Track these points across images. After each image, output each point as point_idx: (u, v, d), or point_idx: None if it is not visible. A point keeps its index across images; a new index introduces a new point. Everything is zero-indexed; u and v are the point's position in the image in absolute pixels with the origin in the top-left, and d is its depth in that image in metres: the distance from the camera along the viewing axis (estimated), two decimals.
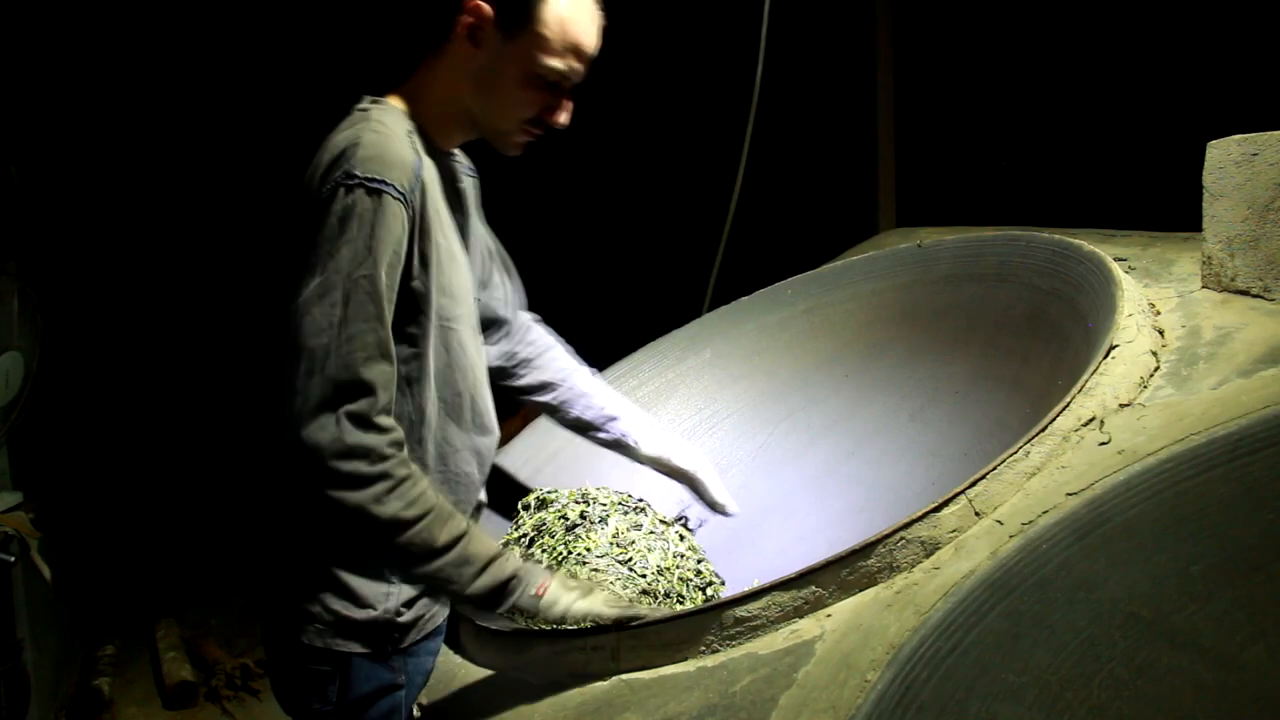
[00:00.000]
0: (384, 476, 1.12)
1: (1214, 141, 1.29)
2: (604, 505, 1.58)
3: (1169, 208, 1.66)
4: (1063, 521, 0.97)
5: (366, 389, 1.12)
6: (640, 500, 1.63)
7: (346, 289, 1.12)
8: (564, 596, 1.20)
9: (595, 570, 1.42)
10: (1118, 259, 1.44)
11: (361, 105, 1.27)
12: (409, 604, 1.26)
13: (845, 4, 3.61)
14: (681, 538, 1.55)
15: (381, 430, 1.13)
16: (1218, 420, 0.98)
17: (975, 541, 1.02)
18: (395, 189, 1.15)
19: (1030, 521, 0.99)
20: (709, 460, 1.64)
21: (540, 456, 1.85)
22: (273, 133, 4.45)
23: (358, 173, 1.14)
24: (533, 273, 1.62)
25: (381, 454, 1.12)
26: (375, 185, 1.14)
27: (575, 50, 1.27)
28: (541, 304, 1.65)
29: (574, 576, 1.33)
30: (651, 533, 1.53)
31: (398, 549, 1.14)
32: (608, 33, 1.33)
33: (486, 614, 1.28)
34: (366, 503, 1.11)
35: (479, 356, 1.34)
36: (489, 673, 1.29)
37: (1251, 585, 0.85)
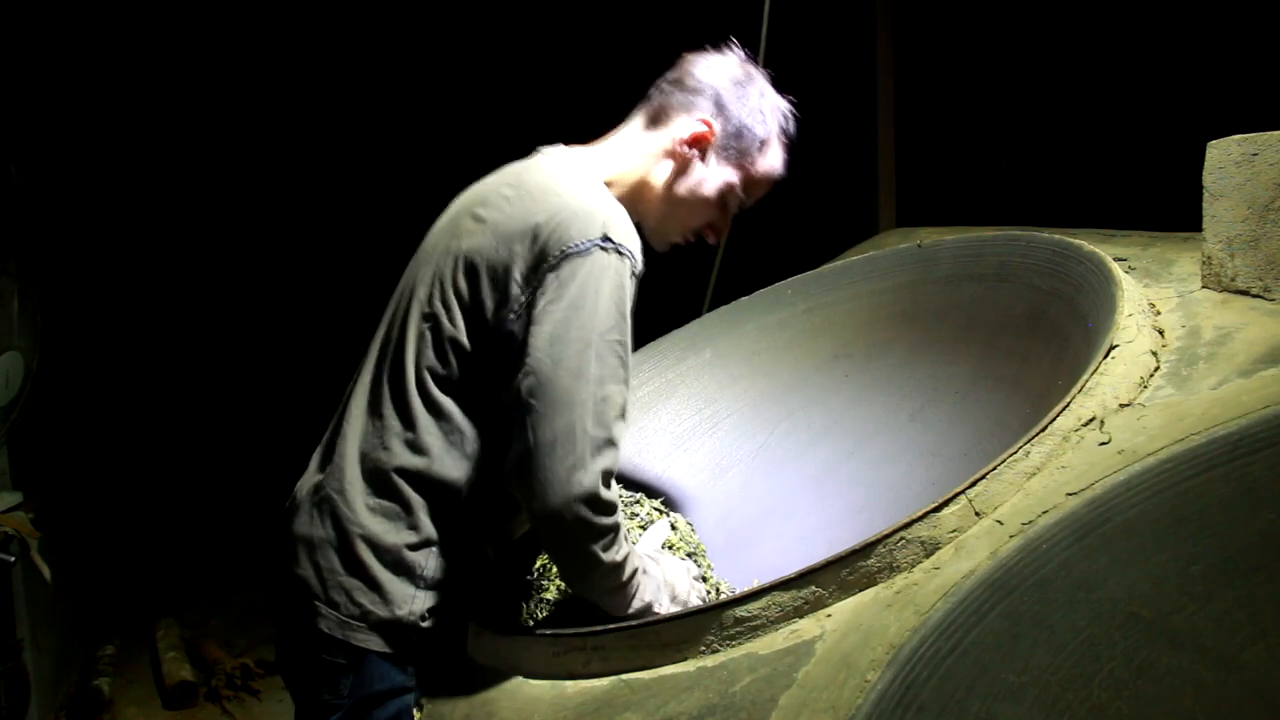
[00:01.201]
0: (617, 528, 1.18)
1: (1214, 141, 1.29)
2: None
3: (1169, 208, 1.66)
4: (1063, 521, 0.97)
5: (615, 447, 1.17)
6: (634, 495, 1.63)
7: (601, 349, 1.15)
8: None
9: None
10: (1118, 259, 1.44)
11: (559, 154, 1.32)
12: (433, 611, 1.26)
13: (845, 4, 3.61)
14: (675, 528, 1.56)
15: (614, 488, 1.19)
16: (1218, 420, 0.98)
17: (975, 541, 1.02)
18: (636, 263, 1.21)
19: (1030, 521, 0.99)
20: None
21: None
22: (272, 132, 4.45)
23: (615, 239, 1.18)
24: None
25: (617, 508, 1.18)
26: (628, 255, 1.19)
27: (765, 186, 1.42)
28: None
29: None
30: (644, 527, 1.53)
31: (596, 584, 1.21)
32: (608, 32, 1.34)
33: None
34: (599, 550, 1.17)
35: None
36: (489, 672, 1.28)
37: (1252, 585, 0.85)
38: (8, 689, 2.61)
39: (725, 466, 1.87)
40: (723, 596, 1.35)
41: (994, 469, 1.07)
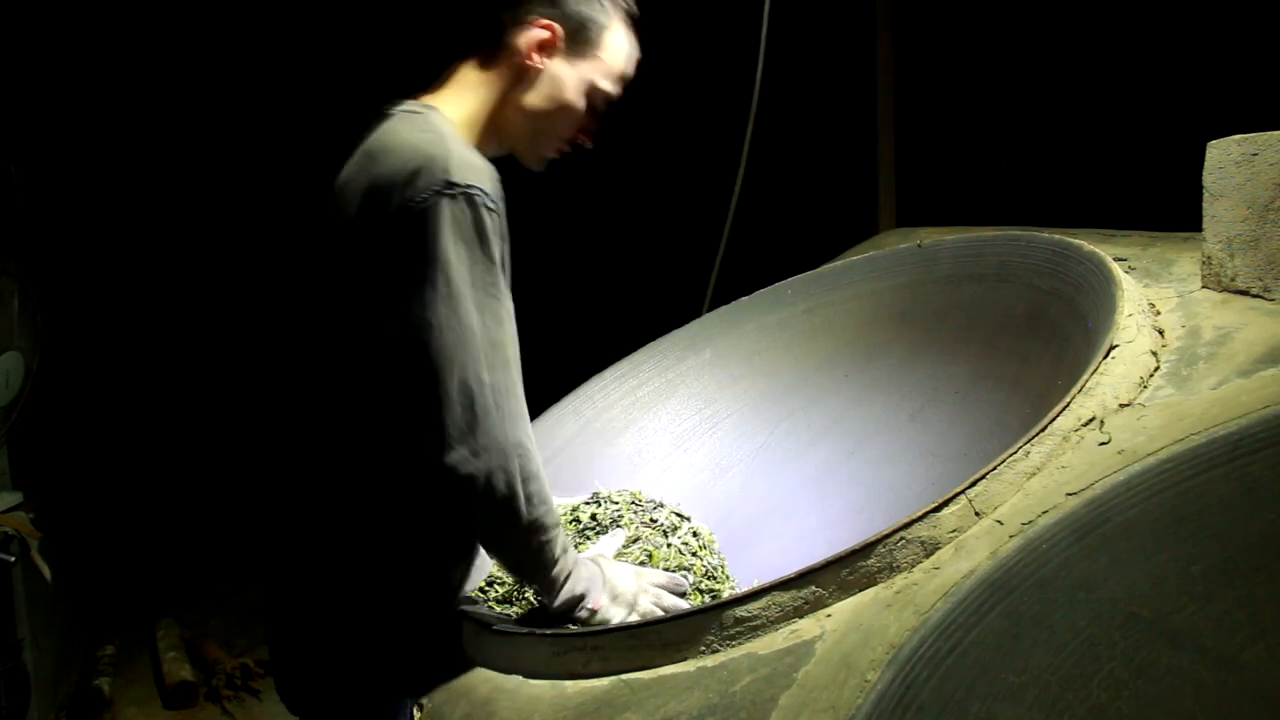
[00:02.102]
0: (536, 477, 1.14)
1: (1214, 141, 1.29)
2: (616, 505, 1.58)
3: (1169, 208, 1.66)
4: (1063, 521, 0.96)
5: (518, 393, 1.14)
6: (654, 499, 1.62)
7: (479, 300, 1.12)
8: (613, 612, 1.24)
9: None
10: (1118, 259, 1.44)
11: (406, 108, 1.26)
12: (424, 611, 1.26)
13: (845, 4, 3.61)
14: (696, 534, 1.55)
15: (528, 430, 1.15)
16: (1218, 420, 0.98)
17: (975, 541, 1.02)
18: (492, 199, 1.15)
19: (1030, 521, 0.99)
20: None
21: (540, 456, 1.84)
22: (273, 132, 4.45)
23: (458, 181, 1.12)
24: (533, 273, 1.62)
25: (533, 452, 1.14)
26: (476, 194, 1.13)
27: (624, 78, 1.36)
28: (543, 304, 1.65)
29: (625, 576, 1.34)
30: (665, 532, 1.53)
31: (525, 551, 1.16)
32: None
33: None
34: (520, 503, 1.13)
35: None
36: (489, 673, 1.28)
37: (1252, 585, 0.85)
38: (8, 689, 2.61)
39: (725, 466, 1.87)
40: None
41: (994, 469, 1.07)
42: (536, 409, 1.93)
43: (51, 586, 2.83)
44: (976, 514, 1.05)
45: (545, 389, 1.99)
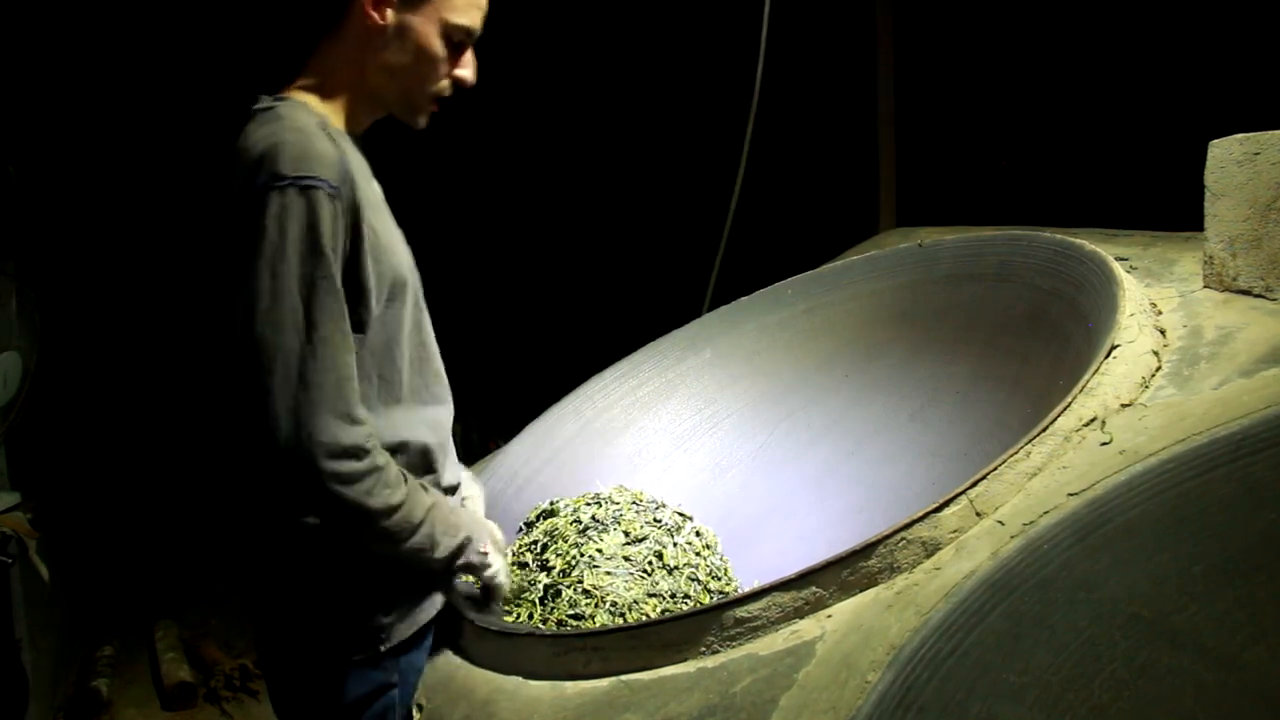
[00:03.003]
0: (373, 469, 1.13)
1: (1215, 141, 1.29)
2: (617, 505, 1.58)
3: (1170, 207, 1.65)
4: (1064, 522, 0.96)
5: (347, 387, 1.12)
6: (655, 499, 1.62)
7: (305, 292, 1.11)
8: (496, 560, 1.26)
9: (608, 573, 1.41)
10: (1119, 259, 1.44)
11: (263, 105, 1.25)
12: (392, 604, 1.25)
13: (845, 4, 3.61)
14: (699, 534, 1.55)
15: (362, 423, 1.13)
16: (1219, 420, 0.98)
17: (976, 542, 1.01)
18: (328, 185, 1.13)
19: (1031, 522, 0.99)
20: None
21: (540, 456, 1.84)
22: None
23: (287, 173, 1.11)
24: (533, 273, 1.62)
25: (366, 448, 1.13)
26: (307, 183, 1.12)
27: (476, 5, 1.29)
28: (542, 304, 1.65)
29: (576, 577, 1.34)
30: (669, 532, 1.53)
31: (383, 533, 1.16)
32: (609, 32, 1.33)
33: (446, 582, 1.29)
34: (360, 497, 1.12)
35: (428, 326, 1.35)
36: (489, 673, 1.28)
37: (1253, 585, 0.85)
38: (6, 689, 2.60)
39: (725, 466, 1.87)
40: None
41: (995, 469, 1.07)
42: (536, 409, 1.93)
43: (50, 587, 2.83)
44: (977, 514, 1.05)
45: (545, 389, 1.99)
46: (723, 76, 2.89)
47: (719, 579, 1.47)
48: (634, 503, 1.61)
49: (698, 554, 1.50)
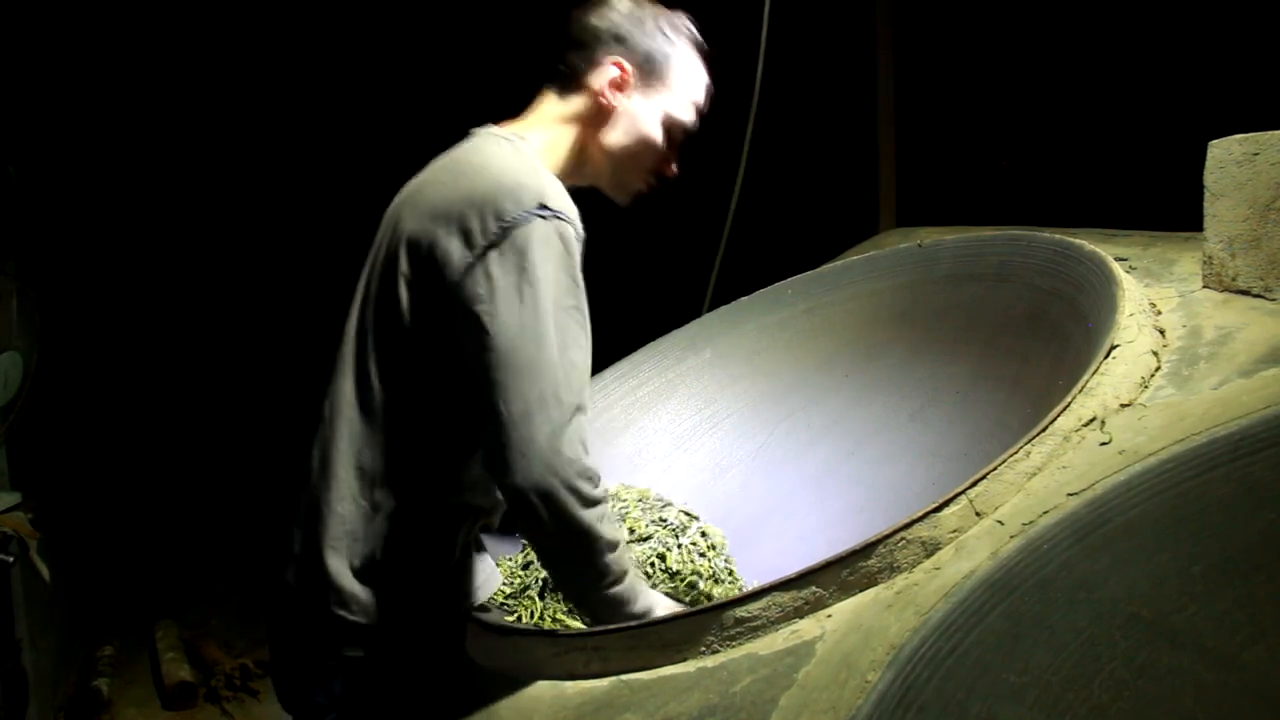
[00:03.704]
0: (607, 498, 1.16)
1: (1215, 141, 1.29)
2: (623, 503, 1.58)
3: (1170, 207, 1.65)
4: (1063, 522, 0.96)
5: (585, 413, 1.15)
6: (661, 498, 1.62)
7: (560, 318, 1.14)
8: None
9: None
10: (1118, 259, 1.44)
11: (494, 132, 1.29)
12: (418, 610, 1.26)
13: (845, 4, 3.61)
14: (705, 534, 1.55)
15: (591, 454, 1.16)
16: (1219, 420, 0.98)
17: (976, 542, 1.01)
18: (577, 229, 1.19)
19: (1031, 522, 0.99)
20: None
21: None
22: (272, 134, 4.45)
23: (550, 205, 1.15)
24: None
25: (600, 477, 1.15)
26: (565, 221, 1.17)
27: (697, 105, 1.39)
28: None
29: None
30: (674, 533, 1.52)
31: (599, 569, 1.17)
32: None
33: None
34: (593, 522, 1.14)
35: None
36: (489, 673, 1.28)
37: (1252, 585, 0.85)
38: (6, 689, 2.60)
39: (725, 466, 1.87)
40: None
41: (994, 469, 1.07)
42: None
43: (50, 587, 2.83)
44: (977, 514, 1.05)
45: None
46: (723, 77, 2.89)
47: (721, 582, 1.47)
48: (640, 500, 1.61)
49: (702, 555, 1.49)
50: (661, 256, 4.36)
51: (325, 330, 1.42)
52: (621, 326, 2.36)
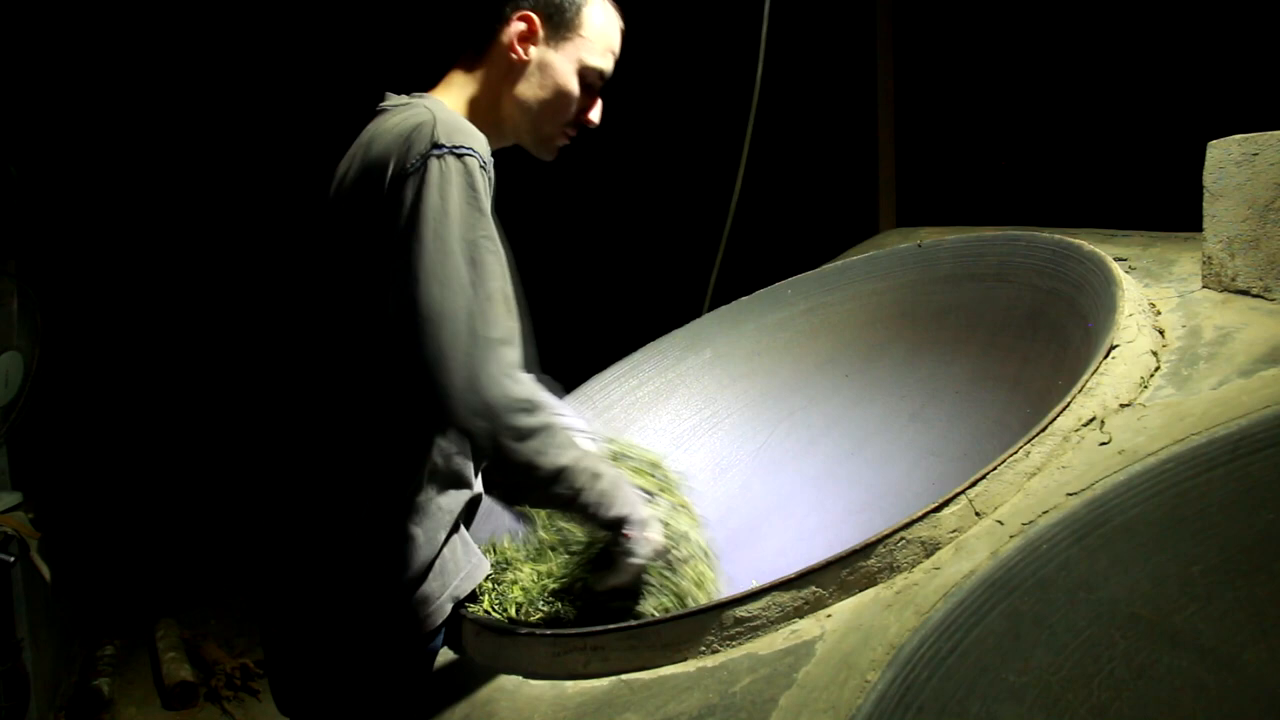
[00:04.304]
0: (544, 427, 1.15)
1: (1214, 141, 1.29)
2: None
3: (1169, 208, 1.66)
4: (1063, 521, 0.96)
5: (513, 342, 1.15)
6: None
7: (469, 252, 1.13)
8: (644, 548, 1.25)
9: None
10: (1118, 259, 1.44)
11: (396, 101, 1.29)
12: (415, 600, 1.26)
13: (845, 4, 3.61)
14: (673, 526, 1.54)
15: (529, 379, 1.16)
16: (1218, 420, 0.98)
17: (975, 541, 1.01)
18: (481, 158, 1.17)
19: (1030, 522, 0.99)
20: None
21: None
22: (272, 132, 4.45)
23: (444, 142, 1.15)
24: (533, 273, 1.62)
25: (538, 403, 1.15)
26: (464, 152, 1.15)
27: (611, 51, 1.36)
28: (543, 304, 1.65)
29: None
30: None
31: (549, 497, 1.19)
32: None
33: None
34: (532, 455, 1.14)
35: None
36: (489, 672, 1.28)
37: (1252, 585, 0.85)
38: (7, 689, 2.61)
39: (725, 466, 1.87)
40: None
41: (994, 469, 1.07)
42: None
43: (51, 587, 2.83)
44: (977, 514, 1.05)
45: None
46: (723, 77, 2.90)
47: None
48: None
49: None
50: (661, 256, 4.36)
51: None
52: (621, 326, 2.36)
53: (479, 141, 1.19)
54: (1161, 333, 1.25)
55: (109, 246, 4.27)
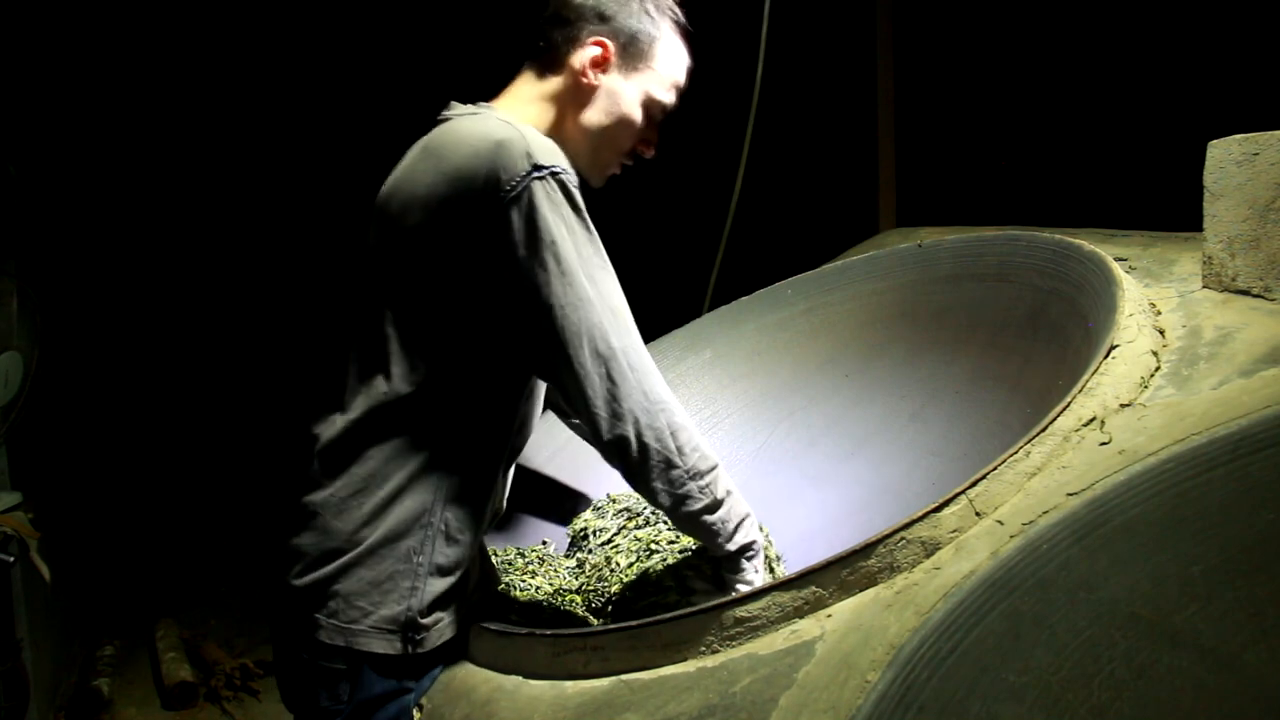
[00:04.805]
0: (684, 427, 1.19)
1: (1215, 141, 1.29)
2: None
3: (1169, 208, 1.66)
4: (1063, 521, 0.96)
5: (644, 351, 1.19)
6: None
7: (589, 271, 1.16)
8: (755, 577, 1.29)
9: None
10: (1118, 259, 1.44)
11: (463, 110, 1.29)
12: (431, 608, 1.26)
13: (845, 4, 3.61)
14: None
15: (664, 384, 1.20)
16: (1218, 420, 0.98)
17: (976, 541, 1.01)
18: (574, 177, 1.19)
19: (1031, 522, 0.99)
20: None
21: (540, 456, 1.85)
22: (271, 134, 4.45)
23: (544, 163, 1.15)
24: None
25: (676, 405, 1.19)
26: (561, 171, 1.16)
27: (677, 86, 1.39)
28: None
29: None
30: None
31: (688, 501, 1.21)
32: None
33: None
34: (675, 453, 1.18)
35: None
36: (489, 673, 1.28)
37: (1253, 585, 0.85)
38: (7, 689, 2.61)
39: (725, 466, 1.86)
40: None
41: (994, 469, 1.07)
42: None
43: (50, 587, 2.83)
44: (977, 514, 1.05)
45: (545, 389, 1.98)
46: (723, 77, 2.90)
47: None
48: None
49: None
50: (661, 256, 4.36)
51: (324, 330, 1.43)
52: None
53: (561, 155, 1.19)
54: (1162, 333, 1.25)
55: (109, 246, 4.28)
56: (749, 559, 1.28)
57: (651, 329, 2.07)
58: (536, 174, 1.13)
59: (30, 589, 2.78)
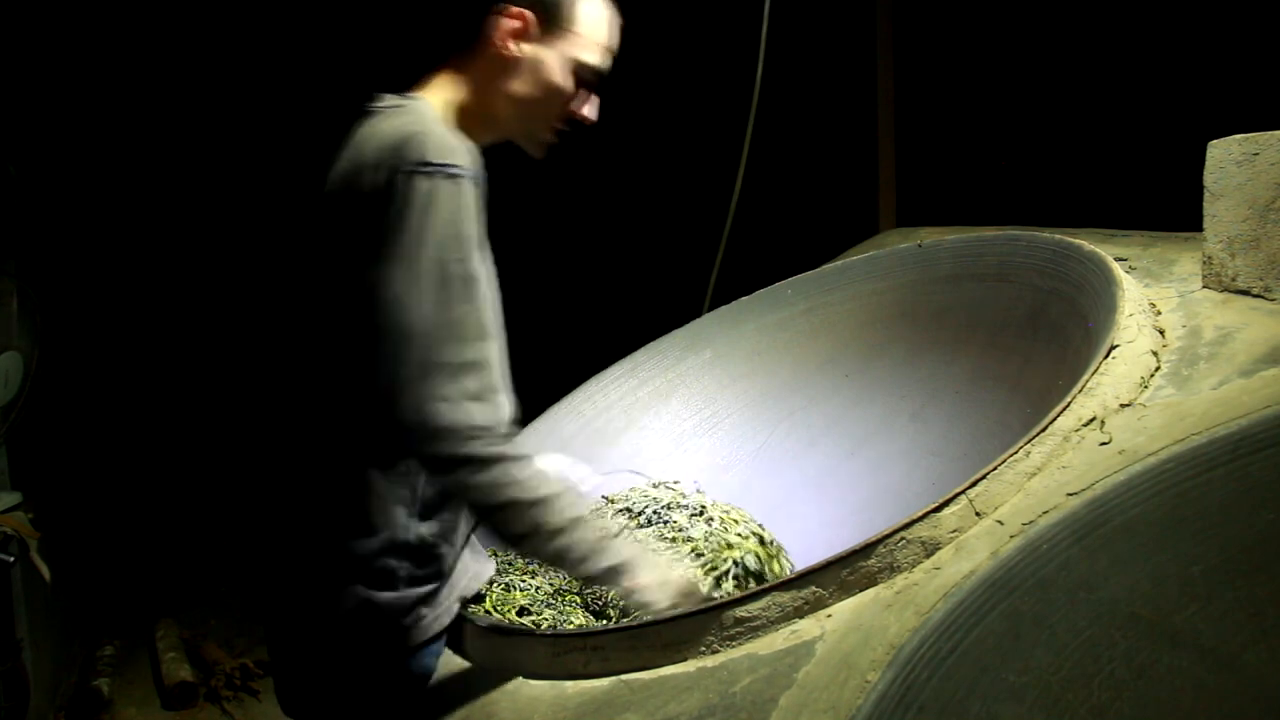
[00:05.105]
0: (506, 458, 1.12)
1: (1215, 141, 1.29)
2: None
3: (1169, 208, 1.65)
4: (1063, 521, 0.96)
5: (481, 367, 1.12)
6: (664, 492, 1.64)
7: (440, 273, 1.12)
8: (658, 598, 1.21)
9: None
10: (1118, 259, 1.44)
11: (389, 102, 1.28)
12: (420, 603, 1.26)
13: (845, 4, 3.61)
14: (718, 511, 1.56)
15: (497, 408, 1.13)
16: (1218, 420, 0.98)
17: (976, 541, 1.01)
18: (471, 174, 1.16)
19: (1031, 522, 0.99)
20: None
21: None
22: (272, 133, 4.45)
23: (433, 160, 1.13)
24: (534, 272, 1.62)
25: (500, 433, 1.12)
26: (453, 171, 1.14)
27: (606, 47, 1.34)
28: (542, 304, 1.65)
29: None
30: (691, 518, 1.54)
31: (518, 537, 1.15)
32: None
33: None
34: (488, 487, 1.12)
35: None
36: (489, 673, 1.28)
37: (1253, 585, 0.85)
38: (7, 689, 2.61)
39: (725, 466, 1.87)
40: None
41: (994, 469, 1.07)
42: (537, 409, 1.94)
43: (50, 587, 2.83)
44: (977, 514, 1.05)
45: (545, 389, 1.99)
46: (723, 77, 2.90)
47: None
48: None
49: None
50: (661, 256, 4.36)
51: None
52: (621, 326, 2.36)
53: (470, 157, 1.17)
54: (1162, 333, 1.25)
55: (109, 246, 4.28)
56: (613, 592, 1.24)
57: (651, 329, 2.08)
58: (424, 169, 1.12)
59: (30, 589, 2.78)
